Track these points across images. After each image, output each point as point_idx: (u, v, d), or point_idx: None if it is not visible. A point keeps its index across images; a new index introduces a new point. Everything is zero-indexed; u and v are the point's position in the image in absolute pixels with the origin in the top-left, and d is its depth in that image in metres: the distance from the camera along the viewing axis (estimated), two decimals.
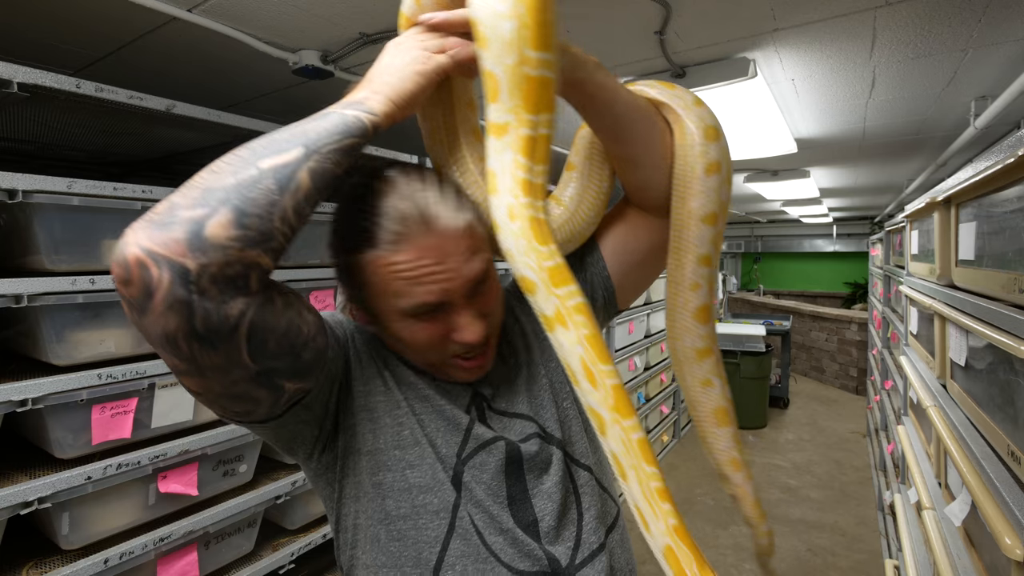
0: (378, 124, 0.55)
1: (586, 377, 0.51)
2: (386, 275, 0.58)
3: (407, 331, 0.62)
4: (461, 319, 0.61)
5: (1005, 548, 0.74)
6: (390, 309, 0.61)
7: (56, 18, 1.31)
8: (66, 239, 1.08)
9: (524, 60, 0.52)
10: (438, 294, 0.59)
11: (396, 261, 0.57)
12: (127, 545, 1.15)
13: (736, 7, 1.30)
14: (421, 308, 0.59)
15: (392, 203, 0.59)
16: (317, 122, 0.54)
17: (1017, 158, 0.81)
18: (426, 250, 0.58)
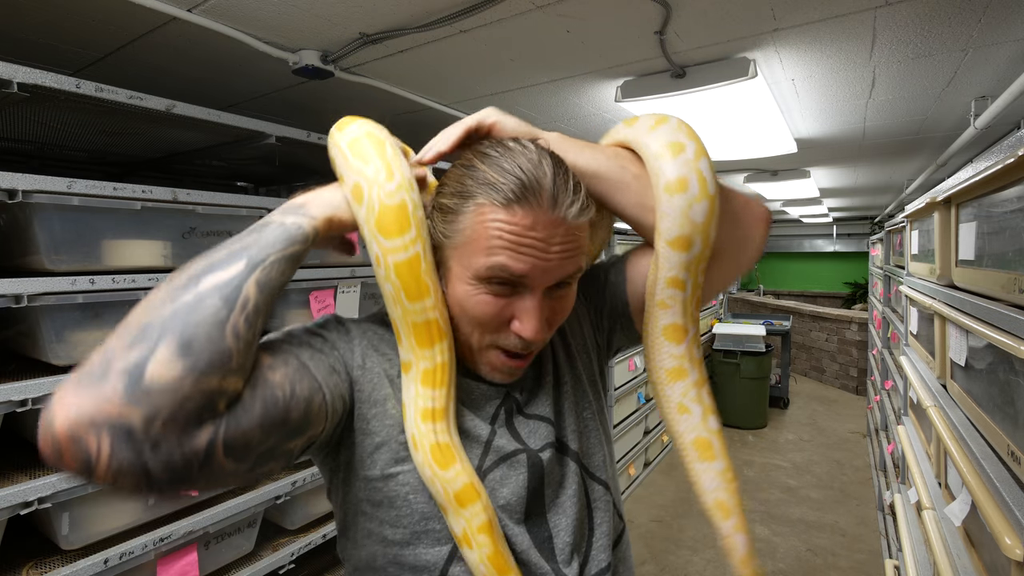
0: (319, 228, 0.55)
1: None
2: (489, 229, 0.56)
3: (472, 297, 0.58)
4: (529, 306, 0.58)
5: (1005, 548, 0.74)
6: (471, 265, 0.57)
7: (56, 18, 1.31)
8: (66, 239, 1.08)
9: (406, 311, 0.58)
10: (528, 268, 0.56)
11: (507, 220, 0.55)
12: (127, 545, 1.15)
13: (736, 7, 1.30)
14: (503, 274, 0.56)
15: (526, 167, 0.57)
16: (256, 234, 0.52)
17: (1017, 158, 0.81)
18: (539, 223, 0.56)
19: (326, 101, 2.03)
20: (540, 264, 0.56)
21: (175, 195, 1.21)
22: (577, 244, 0.59)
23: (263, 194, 2.11)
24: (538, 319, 0.58)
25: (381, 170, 0.57)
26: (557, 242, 0.57)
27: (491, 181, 0.56)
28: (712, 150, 2.82)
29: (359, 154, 0.59)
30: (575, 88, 1.92)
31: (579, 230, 0.59)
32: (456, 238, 0.59)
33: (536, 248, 0.56)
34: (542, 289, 0.58)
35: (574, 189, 0.58)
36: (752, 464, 4.34)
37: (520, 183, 0.56)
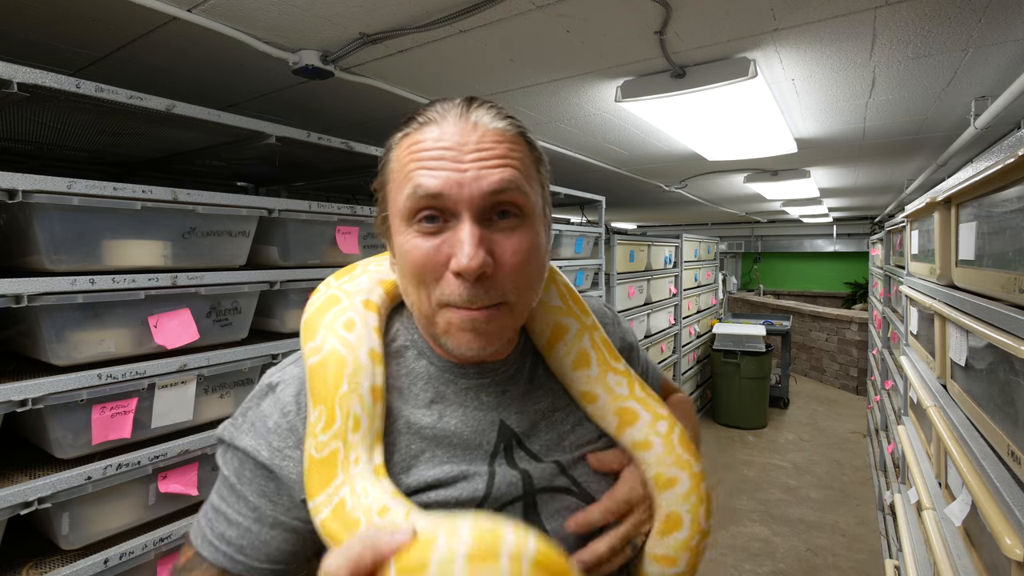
0: None
1: None
2: (406, 157, 0.53)
3: (406, 246, 0.53)
4: (459, 236, 0.51)
5: (1005, 548, 0.74)
6: (396, 208, 0.54)
7: (56, 18, 1.31)
8: (66, 239, 1.08)
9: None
10: (441, 183, 0.50)
11: (418, 139, 0.53)
12: (127, 545, 1.15)
13: (736, 7, 1.30)
14: (420, 200, 0.51)
15: (436, 102, 0.55)
16: None
17: (1017, 158, 0.81)
18: (448, 133, 0.52)
19: (326, 101, 2.03)
20: (454, 177, 0.50)
21: (175, 195, 1.21)
22: (500, 153, 0.52)
23: (263, 194, 2.11)
24: (471, 244, 0.50)
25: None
26: (471, 149, 0.51)
27: (407, 120, 0.55)
28: (712, 150, 2.83)
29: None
30: (575, 88, 1.92)
31: (500, 137, 0.53)
32: (385, 188, 0.56)
33: (447, 159, 0.51)
34: (472, 213, 0.51)
35: (494, 106, 0.55)
36: (752, 464, 4.34)
37: (433, 107, 0.54)
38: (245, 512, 0.55)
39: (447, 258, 0.51)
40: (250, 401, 0.59)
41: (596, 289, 3.28)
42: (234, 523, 0.54)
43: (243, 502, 0.55)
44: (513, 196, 0.52)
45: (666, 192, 4.59)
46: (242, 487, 0.55)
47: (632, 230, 5.44)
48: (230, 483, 0.56)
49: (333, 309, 0.59)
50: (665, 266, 4.57)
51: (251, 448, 0.55)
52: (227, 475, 0.56)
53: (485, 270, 0.51)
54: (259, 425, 0.56)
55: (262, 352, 1.40)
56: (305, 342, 0.58)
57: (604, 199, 3.26)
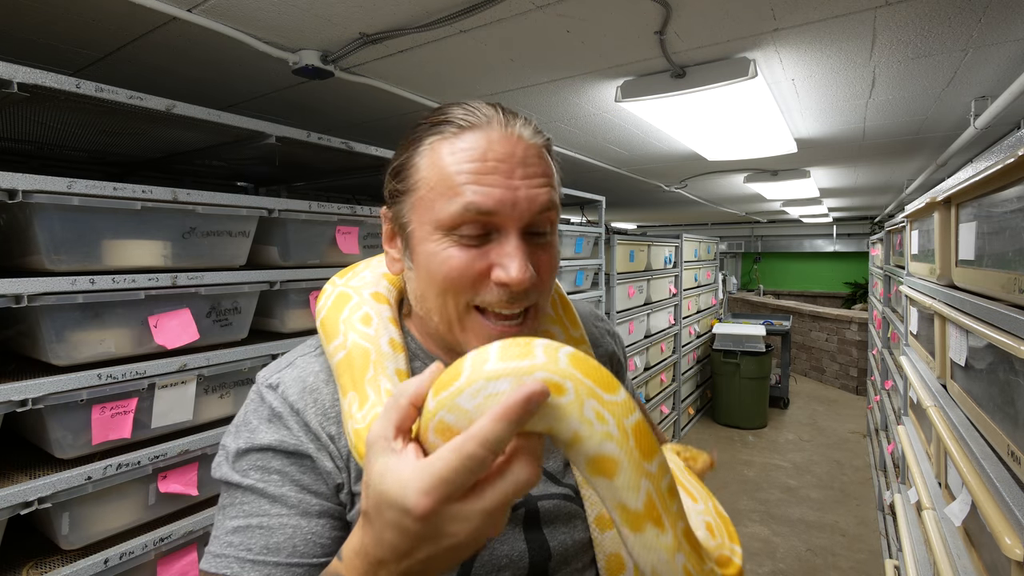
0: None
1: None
2: (445, 164, 0.51)
3: (439, 253, 0.51)
4: (507, 249, 0.51)
5: (1005, 548, 0.74)
6: (433, 215, 0.52)
7: (56, 18, 1.31)
8: (66, 239, 1.08)
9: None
10: (495, 201, 0.50)
11: (461, 147, 0.51)
12: (127, 545, 1.15)
13: (736, 7, 1.30)
14: (469, 212, 0.50)
15: (463, 105, 0.54)
16: None
17: (1017, 158, 0.81)
18: (495, 143, 0.51)
19: (326, 101, 2.03)
20: (508, 196, 0.50)
21: (175, 195, 1.21)
22: (543, 169, 0.53)
23: (263, 194, 2.11)
24: (520, 259, 0.50)
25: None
26: (519, 164, 0.51)
27: (437, 122, 0.53)
28: (712, 150, 2.82)
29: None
30: (575, 88, 1.92)
31: (539, 153, 0.54)
32: (412, 195, 0.54)
33: (499, 174, 0.50)
34: (518, 229, 0.52)
35: (523, 116, 0.55)
36: (752, 464, 4.34)
37: (466, 111, 0.53)
38: (287, 512, 0.52)
39: (488, 269, 0.51)
40: (253, 404, 0.57)
41: (596, 289, 3.28)
42: (278, 529, 0.51)
43: (280, 503, 0.52)
44: (552, 215, 0.54)
45: (666, 192, 4.59)
46: (275, 489, 0.52)
47: (632, 230, 5.44)
48: (258, 490, 0.52)
49: (347, 306, 0.59)
50: (665, 266, 4.57)
51: (275, 442, 0.53)
52: (251, 484, 0.52)
53: (530, 284, 0.52)
54: (275, 420, 0.55)
55: (262, 352, 1.40)
56: (328, 341, 0.57)
57: (604, 199, 3.26)
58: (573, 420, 0.37)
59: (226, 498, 0.54)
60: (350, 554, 0.40)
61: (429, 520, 0.34)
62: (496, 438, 0.34)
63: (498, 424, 0.34)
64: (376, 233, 1.74)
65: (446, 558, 0.37)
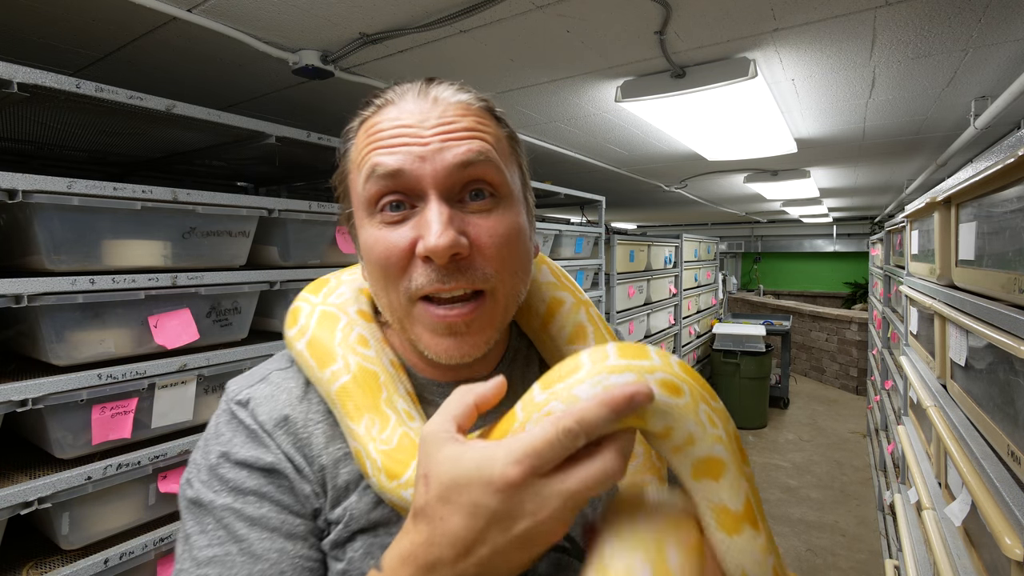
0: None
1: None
2: (365, 143, 0.49)
3: (369, 241, 0.48)
4: (427, 214, 0.46)
5: (1005, 548, 0.74)
6: (356, 202, 0.50)
7: (56, 18, 1.31)
8: (66, 239, 1.08)
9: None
10: (401, 160, 0.46)
11: (376, 121, 0.48)
12: (127, 545, 1.15)
13: (736, 7, 1.30)
14: (380, 179, 0.46)
15: (391, 86, 0.51)
16: None
17: (1017, 158, 0.81)
18: (406, 112, 0.48)
19: (326, 101, 2.03)
20: (415, 151, 0.46)
21: (175, 195, 1.21)
22: (466, 125, 0.47)
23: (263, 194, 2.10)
24: (438, 221, 0.45)
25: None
26: (433, 124, 0.47)
27: (361, 107, 0.52)
28: (712, 150, 2.83)
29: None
30: (575, 88, 1.92)
31: (465, 111, 0.48)
32: (345, 183, 0.52)
33: (407, 135, 0.46)
34: (439, 190, 0.46)
35: (456, 83, 0.51)
36: (752, 464, 4.33)
37: (389, 88, 0.50)
38: (269, 535, 0.47)
39: (414, 243, 0.46)
40: (223, 418, 0.52)
41: (596, 289, 3.28)
42: (261, 556, 0.45)
43: (260, 526, 0.47)
44: (484, 170, 0.47)
45: (666, 192, 4.59)
46: (254, 510, 0.47)
47: (632, 230, 5.44)
48: (233, 510, 0.47)
49: (338, 327, 0.54)
50: (665, 266, 4.57)
51: (250, 458, 0.49)
52: (224, 504, 0.47)
53: (459, 251, 0.45)
54: (250, 436, 0.50)
55: (262, 352, 1.40)
56: (323, 366, 0.52)
57: (604, 199, 3.26)
58: (690, 422, 0.37)
59: (193, 524, 0.47)
60: (394, 563, 0.37)
61: (514, 492, 0.33)
62: (594, 421, 0.33)
63: (601, 409, 0.34)
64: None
65: (509, 553, 0.35)
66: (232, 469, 0.49)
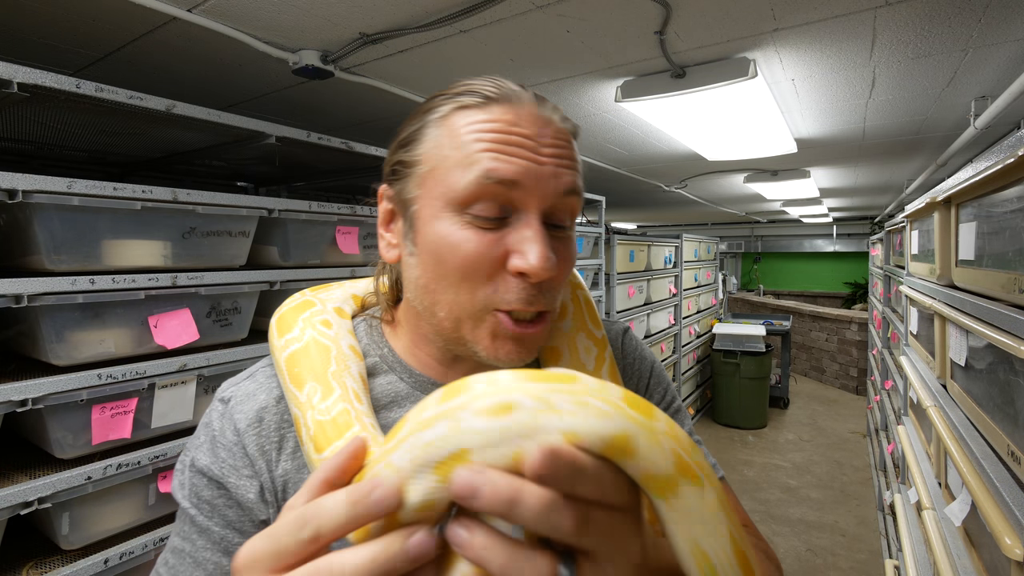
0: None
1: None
2: (463, 132, 0.45)
3: (450, 239, 0.45)
4: (528, 234, 0.45)
5: (1005, 548, 0.74)
6: (447, 189, 0.46)
7: (56, 18, 1.31)
8: (66, 239, 1.08)
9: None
10: (520, 172, 0.44)
11: (485, 118, 0.46)
12: (127, 545, 1.15)
13: (736, 7, 1.30)
14: (488, 181, 0.44)
15: (489, 78, 0.49)
16: None
17: (1017, 158, 0.81)
18: (524, 119, 0.46)
19: (326, 101, 2.03)
20: (533, 168, 0.45)
21: (175, 195, 1.21)
22: (571, 154, 0.48)
23: (263, 194, 2.11)
24: (542, 243, 0.44)
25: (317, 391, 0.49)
26: (548, 143, 0.46)
27: (459, 92, 0.48)
28: (712, 150, 2.83)
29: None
30: (575, 88, 1.92)
31: (568, 139, 0.49)
32: (422, 167, 0.48)
33: (526, 147, 0.45)
34: (539, 211, 0.46)
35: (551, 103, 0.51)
36: (752, 464, 4.34)
37: (493, 84, 0.48)
38: (211, 547, 0.49)
39: (505, 257, 0.45)
40: (205, 417, 0.54)
41: (596, 289, 3.28)
42: (202, 563, 0.48)
43: (206, 535, 0.49)
44: (575, 203, 0.49)
45: (666, 192, 4.59)
46: (203, 518, 0.49)
47: (632, 230, 5.44)
48: (190, 515, 0.50)
49: (310, 310, 0.56)
50: (665, 266, 4.57)
51: (205, 467, 0.50)
52: (186, 507, 0.50)
53: (552, 276, 0.46)
54: (212, 442, 0.51)
55: (262, 352, 1.40)
56: (281, 335, 0.53)
57: (604, 199, 3.26)
58: (552, 420, 0.29)
59: (179, 511, 0.52)
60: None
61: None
62: (336, 531, 0.30)
63: (347, 519, 0.29)
64: (376, 233, 1.73)
65: None
66: (195, 475, 0.51)
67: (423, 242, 0.48)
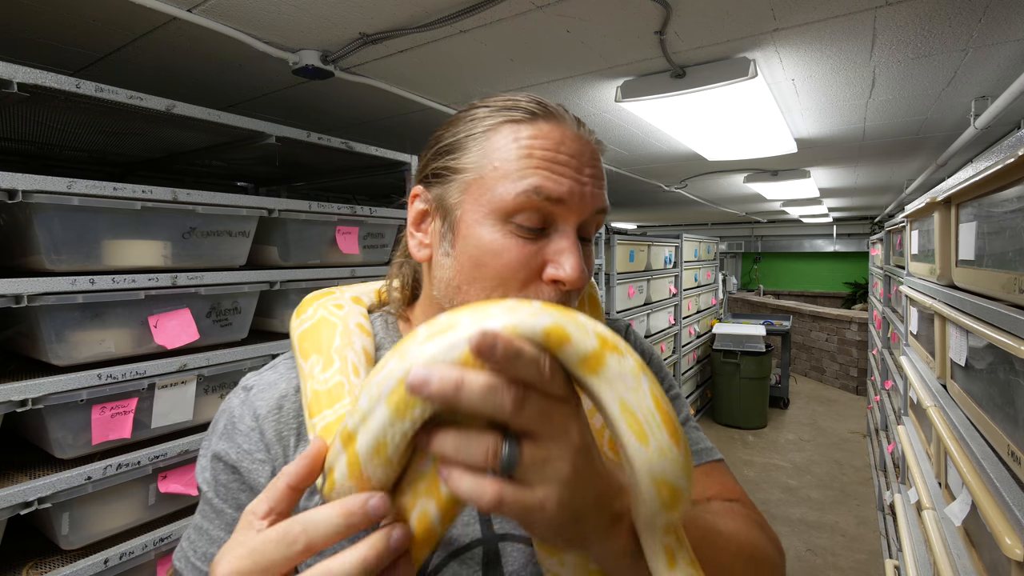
0: None
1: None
2: (514, 147, 0.49)
3: (493, 245, 0.48)
4: (564, 245, 0.49)
5: (1005, 548, 0.74)
6: (494, 197, 0.48)
7: (56, 18, 1.31)
8: (66, 239, 1.08)
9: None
10: (566, 191, 0.48)
11: (534, 134, 0.49)
12: (127, 545, 1.15)
13: (736, 7, 1.30)
14: (537, 196, 0.47)
15: (528, 95, 0.52)
16: None
17: (1017, 158, 0.81)
18: (568, 138, 0.50)
19: (326, 101, 2.03)
20: (576, 188, 0.49)
21: (175, 195, 1.21)
22: (602, 173, 0.53)
23: (263, 194, 2.11)
24: (578, 256, 0.48)
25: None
26: (587, 163, 0.50)
27: (506, 106, 0.51)
28: (712, 150, 2.82)
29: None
30: (575, 88, 1.92)
31: (600, 159, 0.53)
32: (468, 175, 0.50)
33: (570, 167, 0.49)
34: (575, 226, 0.50)
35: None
36: (752, 464, 4.34)
37: (538, 101, 0.51)
38: (224, 528, 0.51)
39: (543, 265, 0.49)
40: (225, 404, 0.57)
41: None
42: (216, 540, 0.51)
43: (221, 517, 0.52)
44: (603, 219, 0.53)
45: (666, 192, 4.59)
46: (219, 501, 0.52)
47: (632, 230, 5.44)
48: (207, 498, 0.53)
49: (327, 297, 0.61)
50: (665, 266, 4.57)
51: (222, 451, 0.53)
52: (204, 490, 0.53)
53: (583, 285, 0.50)
54: (230, 428, 0.54)
55: (262, 352, 1.40)
56: (297, 317, 0.58)
57: None
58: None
59: (198, 484, 0.56)
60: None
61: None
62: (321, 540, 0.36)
63: (334, 526, 0.36)
64: (376, 233, 1.73)
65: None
66: (213, 460, 0.53)
67: (463, 245, 0.50)
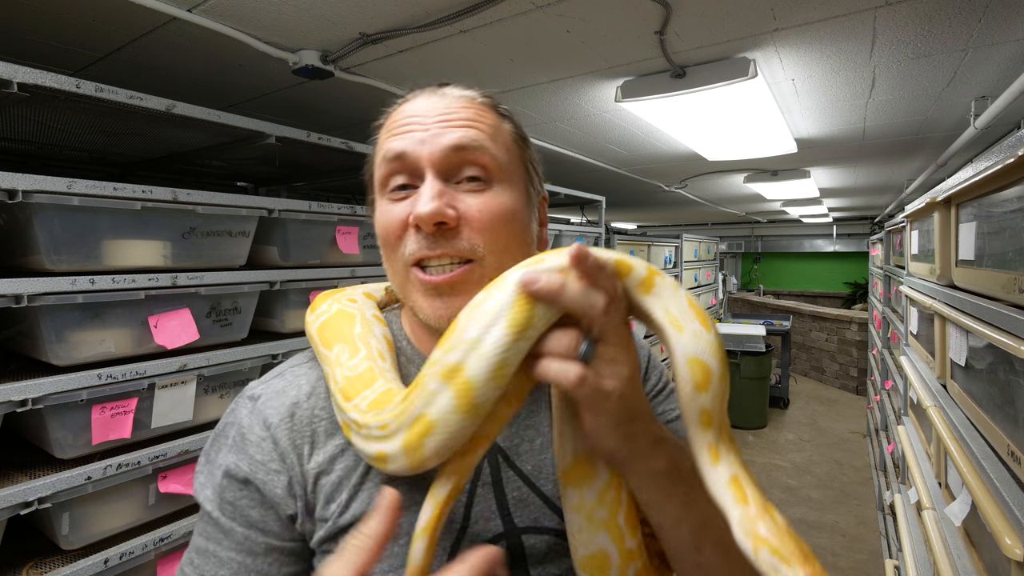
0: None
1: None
2: (383, 134, 0.56)
3: (378, 216, 0.55)
4: (421, 189, 0.51)
5: (1005, 548, 0.74)
6: (375, 185, 0.57)
7: (56, 18, 1.31)
8: (66, 239, 1.08)
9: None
10: (404, 143, 0.52)
11: (396, 115, 0.55)
12: (127, 545, 1.15)
13: (736, 7, 1.30)
14: (388, 162, 0.53)
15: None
16: None
17: (1017, 158, 0.81)
18: (419, 107, 0.54)
19: (326, 101, 2.03)
20: (417, 135, 0.52)
21: (175, 195, 1.21)
22: (465, 116, 0.53)
23: (263, 194, 2.11)
24: (428, 193, 0.50)
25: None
26: (437, 114, 0.53)
27: (387, 112, 0.58)
28: (712, 150, 2.82)
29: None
30: (575, 88, 1.92)
31: (467, 104, 0.54)
32: (372, 168, 0.58)
33: (414, 124, 0.53)
34: (434, 170, 0.51)
35: (470, 87, 0.58)
36: (752, 464, 4.34)
37: (412, 91, 0.57)
38: (235, 548, 0.50)
39: (409, 215, 0.52)
40: (229, 416, 0.56)
41: None
42: (226, 562, 0.50)
43: (230, 536, 0.50)
44: (477, 156, 0.52)
45: (666, 192, 4.59)
46: (226, 519, 0.51)
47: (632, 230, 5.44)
48: (212, 517, 0.51)
49: (339, 292, 0.63)
50: (665, 266, 4.57)
51: (232, 465, 0.52)
52: (208, 510, 0.52)
53: (444, 220, 0.50)
54: (239, 440, 0.53)
55: (262, 352, 1.40)
56: (312, 312, 0.60)
57: (604, 199, 3.26)
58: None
59: (202, 511, 0.53)
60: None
61: None
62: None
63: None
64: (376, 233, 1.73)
65: None
66: (221, 476, 0.52)
67: (376, 224, 0.56)
